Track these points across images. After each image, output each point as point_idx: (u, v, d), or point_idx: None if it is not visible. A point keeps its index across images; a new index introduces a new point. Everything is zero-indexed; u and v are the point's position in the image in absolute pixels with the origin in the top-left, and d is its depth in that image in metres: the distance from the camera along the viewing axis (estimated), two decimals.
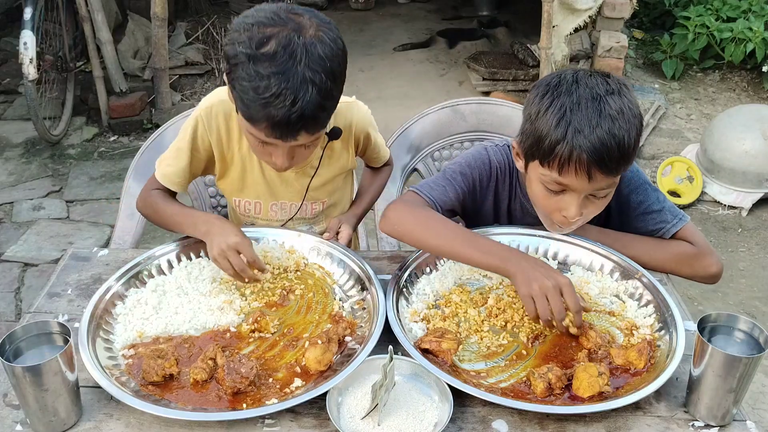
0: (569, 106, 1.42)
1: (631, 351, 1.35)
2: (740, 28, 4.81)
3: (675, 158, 4.13)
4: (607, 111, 1.41)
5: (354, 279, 1.56)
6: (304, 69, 1.38)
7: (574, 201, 1.48)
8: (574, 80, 1.46)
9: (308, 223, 1.86)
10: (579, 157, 1.40)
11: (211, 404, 1.25)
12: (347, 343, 1.39)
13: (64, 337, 1.23)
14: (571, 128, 1.40)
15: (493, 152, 1.71)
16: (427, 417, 1.23)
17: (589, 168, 1.41)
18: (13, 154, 4.41)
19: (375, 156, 1.91)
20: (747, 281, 3.42)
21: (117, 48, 4.70)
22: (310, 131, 1.46)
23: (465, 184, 1.67)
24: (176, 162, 1.70)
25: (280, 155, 1.52)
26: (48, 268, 3.32)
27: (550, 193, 1.50)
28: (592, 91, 1.43)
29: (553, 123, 1.42)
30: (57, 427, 1.21)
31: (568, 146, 1.41)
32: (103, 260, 1.66)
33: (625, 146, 1.41)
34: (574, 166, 1.42)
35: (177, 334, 1.41)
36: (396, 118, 2.62)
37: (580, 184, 1.44)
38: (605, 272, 1.59)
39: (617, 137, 1.40)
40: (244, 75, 1.38)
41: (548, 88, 1.47)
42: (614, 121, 1.40)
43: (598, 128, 1.39)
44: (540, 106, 1.46)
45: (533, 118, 1.47)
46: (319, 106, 1.41)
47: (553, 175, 1.46)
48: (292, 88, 1.37)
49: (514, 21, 5.88)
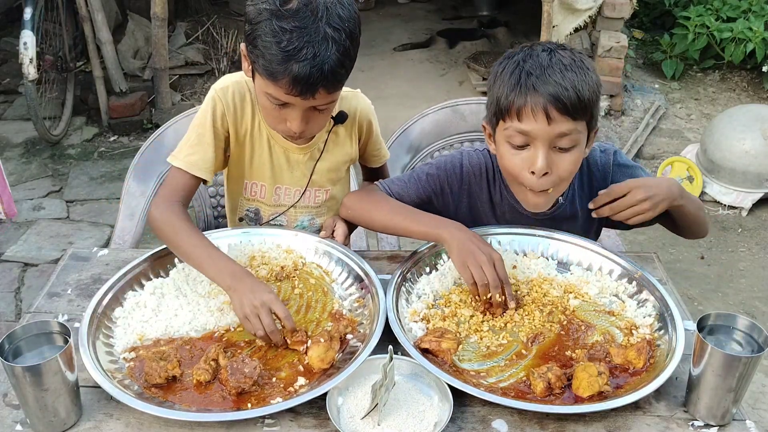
0: (521, 59, 1.51)
1: (631, 350, 1.35)
2: (740, 28, 4.81)
3: (675, 158, 4.13)
4: (558, 58, 1.49)
5: (353, 278, 1.56)
6: (325, 26, 1.44)
7: (539, 152, 1.49)
8: (530, 47, 1.54)
9: (311, 213, 1.86)
10: (534, 99, 1.46)
11: (215, 405, 1.25)
12: (349, 341, 1.39)
13: (64, 337, 1.23)
14: (524, 74, 1.48)
15: (468, 156, 1.73)
16: (427, 417, 1.23)
17: (546, 107, 1.45)
18: (13, 154, 4.41)
19: (375, 152, 1.92)
20: (747, 281, 3.42)
21: (117, 48, 4.70)
22: (329, 89, 1.49)
23: (430, 185, 1.71)
24: (201, 149, 1.66)
25: (297, 117, 1.54)
26: (48, 268, 3.32)
27: (516, 150, 1.53)
28: (549, 48, 1.52)
29: (507, 78, 1.50)
30: (57, 427, 1.21)
31: (522, 90, 1.47)
32: (103, 260, 1.66)
33: (578, 88, 1.46)
34: (530, 108, 1.46)
35: (177, 335, 1.41)
36: (396, 118, 2.62)
37: (541, 129, 1.47)
38: (605, 272, 1.60)
39: (570, 79, 1.46)
40: (267, 31, 1.44)
41: (504, 58, 1.56)
42: (566, 66, 1.47)
43: (549, 69, 1.47)
44: (496, 72, 1.55)
45: (491, 84, 1.55)
46: (338, 63, 1.46)
47: (513, 125, 1.50)
48: (314, 43, 1.43)
49: (514, 21, 5.88)
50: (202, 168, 1.66)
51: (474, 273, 1.45)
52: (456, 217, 1.61)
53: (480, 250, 1.47)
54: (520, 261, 1.63)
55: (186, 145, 1.68)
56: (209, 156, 1.67)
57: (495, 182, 1.71)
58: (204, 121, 1.67)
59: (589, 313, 1.49)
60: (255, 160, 1.76)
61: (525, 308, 1.48)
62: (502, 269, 1.46)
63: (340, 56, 1.46)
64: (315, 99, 1.50)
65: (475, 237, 1.51)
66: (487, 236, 1.65)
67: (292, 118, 1.55)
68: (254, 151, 1.75)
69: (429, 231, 1.57)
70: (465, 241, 1.49)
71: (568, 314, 1.48)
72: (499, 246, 1.65)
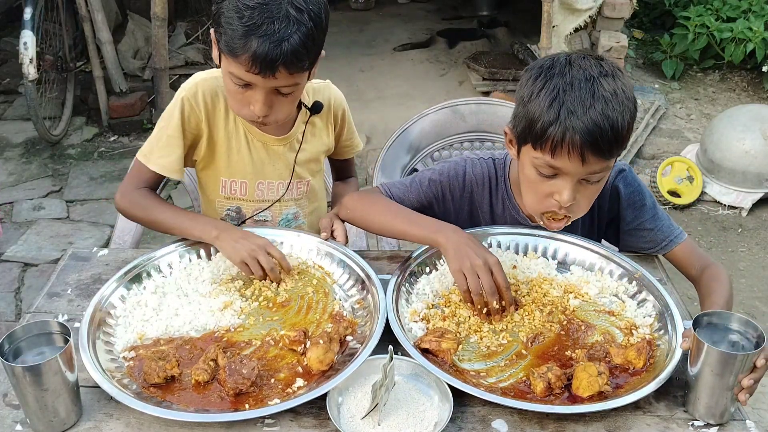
0: (562, 87, 1.40)
1: (630, 350, 1.35)
2: (740, 28, 4.81)
3: (675, 158, 4.13)
4: (600, 92, 1.39)
5: (354, 279, 1.56)
6: (287, 6, 1.46)
7: (567, 185, 1.45)
8: (567, 62, 1.44)
9: (294, 206, 1.86)
10: (572, 139, 1.39)
11: (213, 405, 1.25)
12: (348, 343, 1.39)
13: (64, 337, 1.23)
14: (564, 109, 1.39)
15: (471, 164, 1.70)
16: (427, 417, 1.23)
17: (582, 150, 1.39)
18: (13, 154, 4.40)
19: (349, 142, 1.94)
20: (747, 281, 3.42)
21: (117, 48, 4.70)
22: (289, 68, 1.49)
23: (431, 190, 1.69)
24: (171, 150, 1.69)
25: (259, 99, 1.55)
26: (48, 268, 3.32)
27: (543, 178, 1.48)
28: (585, 73, 1.41)
29: (546, 104, 1.40)
30: (57, 426, 1.21)
31: (561, 128, 1.39)
32: (103, 260, 1.66)
33: (619, 128, 1.40)
34: (567, 149, 1.40)
35: (177, 335, 1.41)
36: (396, 118, 2.63)
37: (574, 167, 1.42)
38: (605, 272, 1.60)
39: (611, 119, 1.38)
40: (231, 7, 1.46)
41: (541, 71, 1.45)
42: (608, 102, 1.39)
43: (591, 109, 1.38)
44: (533, 88, 1.44)
45: (525, 100, 1.45)
46: (299, 43, 1.47)
47: (545, 158, 1.44)
48: (276, 20, 1.45)
49: (514, 21, 5.88)
50: (176, 170, 1.71)
51: (469, 280, 1.42)
52: (457, 223, 1.59)
53: (476, 255, 1.44)
54: (520, 261, 1.63)
55: (156, 146, 1.71)
56: (179, 156, 1.70)
57: (498, 192, 1.69)
58: (172, 122, 1.68)
59: (589, 313, 1.49)
60: (233, 157, 1.76)
61: (525, 308, 1.48)
62: (501, 274, 1.43)
63: (302, 37, 1.46)
64: (276, 79, 1.50)
65: (471, 241, 1.48)
66: (486, 237, 1.65)
67: (255, 101, 1.56)
68: (231, 148, 1.75)
69: (426, 235, 1.54)
70: (461, 245, 1.47)
71: (568, 314, 1.48)
72: (498, 248, 1.65)
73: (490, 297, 1.42)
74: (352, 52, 5.62)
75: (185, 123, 1.69)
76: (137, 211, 1.71)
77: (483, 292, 1.42)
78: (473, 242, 1.48)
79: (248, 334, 1.42)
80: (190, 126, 1.70)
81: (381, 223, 1.64)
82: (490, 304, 1.43)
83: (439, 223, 1.56)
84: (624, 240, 1.71)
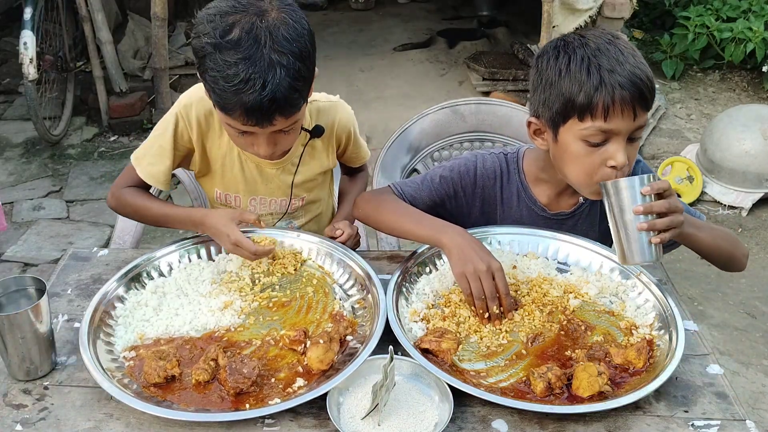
0: (591, 54, 1.45)
1: (630, 350, 1.35)
2: (740, 28, 4.81)
3: (675, 158, 4.13)
4: (624, 50, 1.45)
5: (354, 279, 1.56)
6: (269, 52, 1.40)
7: (620, 146, 1.46)
8: (579, 36, 1.50)
9: (288, 218, 1.86)
10: (621, 95, 1.41)
11: (213, 405, 1.25)
12: (348, 343, 1.39)
13: (39, 291, 1.35)
14: (604, 71, 1.43)
15: (482, 159, 1.71)
16: (427, 417, 1.23)
17: (633, 103, 1.42)
18: (13, 154, 4.41)
19: (355, 155, 1.93)
20: (747, 281, 3.42)
21: (117, 48, 4.70)
22: (285, 114, 1.47)
23: (443, 187, 1.69)
24: (161, 160, 1.70)
25: (262, 143, 1.54)
26: (48, 268, 3.32)
27: (593, 148, 1.47)
28: (604, 38, 1.47)
29: (584, 74, 1.44)
30: (32, 373, 1.32)
31: (608, 89, 1.42)
32: (103, 260, 1.66)
33: (651, 78, 1.46)
34: (619, 107, 1.42)
35: (178, 335, 1.41)
36: (396, 118, 2.63)
37: (626, 125, 1.44)
38: (605, 272, 1.60)
39: (643, 70, 1.45)
40: (212, 65, 1.42)
41: (558, 50, 1.49)
42: (634, 57, 1.46)
43: (627, 64, 1.43)
44: (559, 67, 1.47)
45: (555, 79, 1.47)
46: (290, 87, 1.43)
47: (597, 125, 1.44)
48: (260, 72, 1.40)
49: (514, 21, 5.88)
50: (161, 181, 1.72)
51: (471, 285, 1.43)
52: (469, 219, 1.60)
53: (479, 259, 1.44)
54: (520, 261, 1.63)
55: (149, 153, 1.72)
56: (167, 168, 1.71)
57: (510, 185, 1.70)
58: (165, 134, 1.69)
59: (589, 313, 1.49)
60: (226, 174, 1.76)
61: (525, 308, 1.48)
62: (502, 280, 1.44)
63: (291, 80, 1.42)
64: (274, 125, 1.48)
65: (475, 244, 1.49)
66: (487, 236, 1.65)
67: (257, 144, 1.55)
68: (225, 165, 1.75)
69: (430, 235, 1.55)
70: (465, 248, 1.47)
71: (568, 314, 1.48)
72: (499, 246, 1.65)
73: (490, 302, 1.43)
74: (352, 52, 5.62)
75: (177, 138, 1.69)
76: (127, 209, 1.76)
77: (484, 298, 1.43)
78: (477, 245, 1.48)
79: (248, 334, 1.42)
80: (182, 141, 1.70)
81: (389, 222, 1.65)
82: (490, 309, 1.44)
83: (443, 225, 1.56)
84: None
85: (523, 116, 1.62)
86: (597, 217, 1.70)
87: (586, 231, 1.69)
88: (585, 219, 1.70)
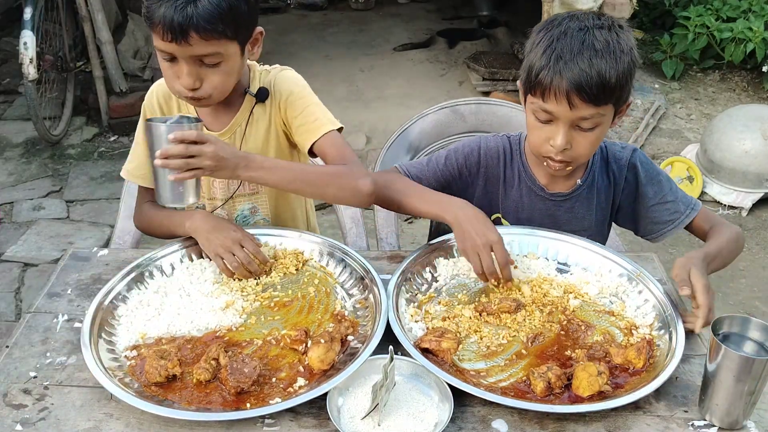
0: (556, 36, 1.51)
1: (630, 350, 1.35)
2: (740, 28, 4.81)
3: (675, 158, 4.13)
4: (590, 41, 1.48)
5: (355, 278, 1.56)
6: None
7: (560, 130, 1.53)
8: (568, 17, 1.54)
9: (249, 201, 1.81)
10: (558, 83, 1.47)
11: (214, 404, 1.25)
12: (349, 342, 1.39)
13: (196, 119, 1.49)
14: (554, 56, 1.49)
15: (486, 141, 1.77)
16: (427, 417, 1.23)
17: (569, 94, 1.47)
18: (13, 154, 4.41)
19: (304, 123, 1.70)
20: (747, 281, 3.42)
21: (117, 48, 4.70)
22: (201, 33, 1.48)
23: (448, 168, 1.74)
24: (135, 156, 1.75)
25: (183, 70, 1.54)
26: (48, 268, 3.32)
27: (540, 124, 1.56)
28: (581, 24, 1.51)
29: (540, 52, 1.51)
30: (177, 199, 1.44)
31: (549, 73, 1.48)
32: (103, 260, 1.66)
33: (606, 77, 1.47)
34: (554, 92, 1.49)
35: (179, 334, 1.42)
36: (396, 118, 2.63)
37: (563, 111, 1.50)
38: (605, 272, 1.60)
39: (597, 66, 1.46)
40: None
41: (544, 25, 1.56)
42: (597, 51, 1.47)
43: (579, 55, 1.47)
44: (534, 40, 1.56)
45: (528, 51, 1.56)
46: (213, 8, 1.46)
47: (538, 103, 1.53)
48: None
49: (514, 21, 5.88)
50: (138, 175, 1.75)
51: (471, 259, 1.50)
52: (472, 199, 1.64)
53: (477, 234, 1.50)
54: (520, 261, 1.63)
55: (131, 155, 1.78)
56: (144, 162, 1.72)
57: (513, 164, 1.74)
58: (138, 129, 1.73)
59: (589, 313, 1.49)
60: None
61: (525, 308, 1.49)
62: (501, 252, 1.49)
63: (217, 2, 1.46)
64: (191, 46, 1.49)
65: (476, 218, 1.54)
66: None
67: (180, 73, 1.55)
68: None
69: (434, 212, 1.62)
70: (465, 223, 1.53)
71: (568, 314, 1.48)
72: None
73: (489, 276, 1.50)
74: (352, 52, 5.62)
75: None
76: (145, 225, 1.79)
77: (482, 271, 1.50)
78: (477, 219, 1.54)
79: (250, 334, 1.42)
80: None
81: (399, 201, 1.67)
82: (490, 281, 1.51)
83: (447, 200, 1.61)
84: (648, 217, 1.74)
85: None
86: (594, 198, 1.74)
87: (583, 212, 1.74)
88: (583, 200, 1.73)
